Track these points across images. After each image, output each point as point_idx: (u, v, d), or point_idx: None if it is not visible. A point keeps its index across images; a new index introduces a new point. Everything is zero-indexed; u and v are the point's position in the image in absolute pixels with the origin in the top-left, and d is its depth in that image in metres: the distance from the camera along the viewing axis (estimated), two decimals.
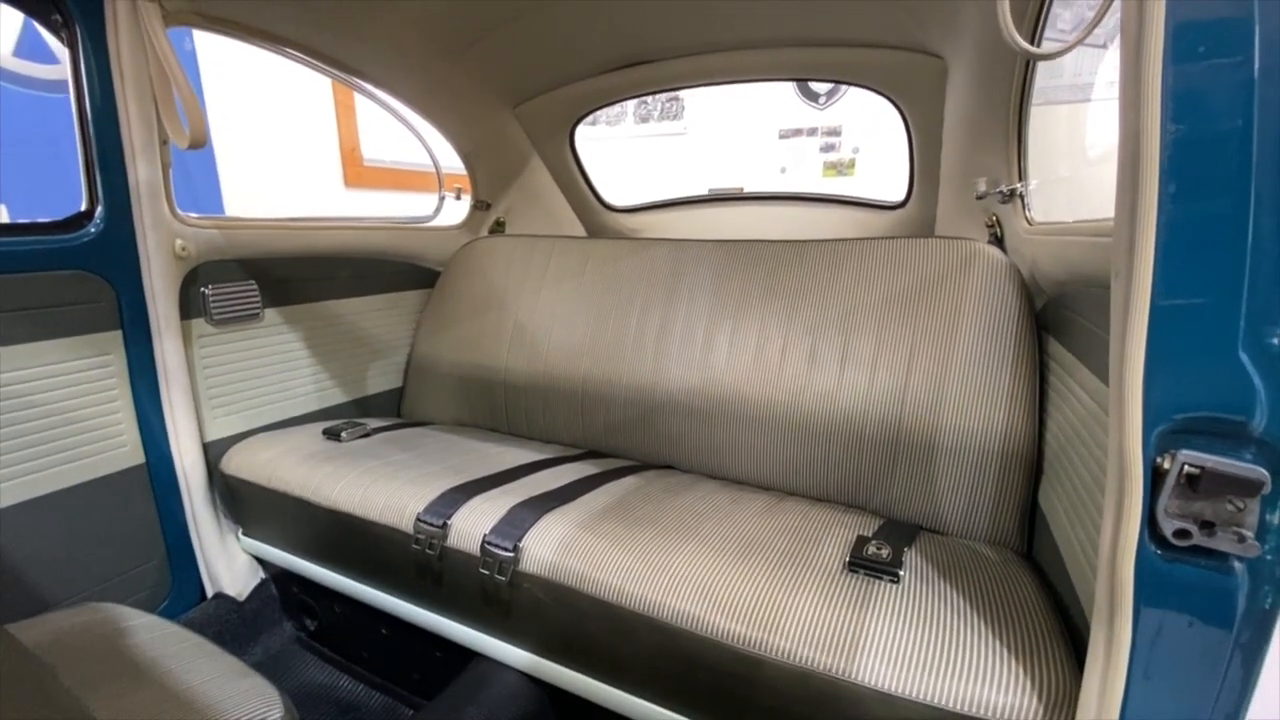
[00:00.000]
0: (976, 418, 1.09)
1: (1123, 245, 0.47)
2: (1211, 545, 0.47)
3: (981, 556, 0.96)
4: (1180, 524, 0.48)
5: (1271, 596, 0.48)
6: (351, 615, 1.27)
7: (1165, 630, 0.50)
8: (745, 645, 0.77)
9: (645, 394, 1.39)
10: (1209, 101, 0.42)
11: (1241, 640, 0.49)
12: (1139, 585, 0.50)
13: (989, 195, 1.25)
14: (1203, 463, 0.46)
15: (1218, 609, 0.49)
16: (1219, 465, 0.46)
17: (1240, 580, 0.48)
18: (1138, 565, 0.50)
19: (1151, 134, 0.44)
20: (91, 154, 1.10)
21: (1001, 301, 1.13)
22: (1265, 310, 0.44)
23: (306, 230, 1.49)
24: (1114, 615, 0.52)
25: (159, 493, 1.24)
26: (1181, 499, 0.48)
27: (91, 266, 1.11)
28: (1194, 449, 0.47)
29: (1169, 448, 0.48)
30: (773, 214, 2.00)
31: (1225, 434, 0.46)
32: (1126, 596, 0.51)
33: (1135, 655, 0.51)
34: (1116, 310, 0.49)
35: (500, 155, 1.92)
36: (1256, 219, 0.43)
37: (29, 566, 1.06)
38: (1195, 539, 0.47)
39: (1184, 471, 0.47)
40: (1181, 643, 0.50)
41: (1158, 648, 0.51)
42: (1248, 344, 0.44)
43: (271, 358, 1.46)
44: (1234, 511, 0.47)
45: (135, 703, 0.76)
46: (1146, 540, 0.49)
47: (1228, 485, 0.46)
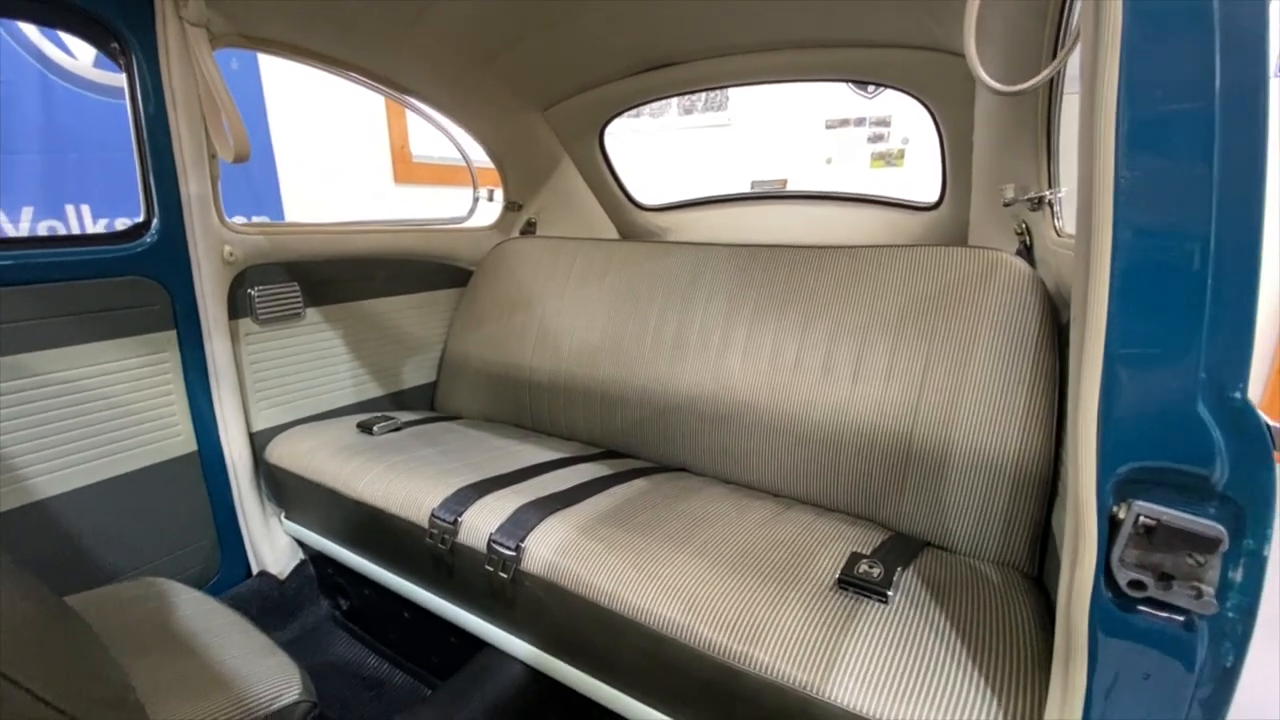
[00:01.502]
0: (990, 435, 1.06)
1: (1079, 292, 0.46)
2: (1168, 599, 0.46)
3: (983, 578, 0.94)
4: (1136, 575, 0.47)
5: (1233, 655, 0.46)
6: (378, 598, 1.36)
7: (1121, 679, 0.49)
8: (725, 656, 0.79)
9: (660, 396, 1.42)
10: (1166, 147, 0.41)
11: (1200, 696, 0.47)
12: (1093, 632, 0.49)
13: (1017, 202, 1.20)
14: (1158, 515, 0.45)
15: (1177, 662, 0.48)
16: (1176, 519, 0.45)
17: (1199, 635, 0.47)
18: (1092, 612, 0.49)
19: (1105, 179, 0.42)
20: (148, 169, 1.20)
21: (1022, 315, 1.09)
22: (1226, 364, 0.42)
23: (344, 234, 1.58)
24: (1070, 660, 0.52)
25: (209, 478, 1.36)
26: (1139, 549, 0.47)
27: (149, 272, 1.21)
28: (1151, 500, 0.46)
29: (1126, 496, 0.47)
30: (804, 213, 1.96)
31: (1185, 486, 0.45)
32: (1081, 642, 0.50)
33: (1091, 702, 0.51)
34: (1074, 356, 0.48)
35: (531, 157, 1.96)
36: (1217, 268, 0.41)
37: (93, 544, 1.18)
38: (1150, 591, 0.46)
39: (1140, 522, 0.46)
40: (1138, 693, 0.49)
41: (1114, 696, 0.50)
42: (1208, 398, 0.43)
43: (312, 354, 1.55)
44: (1193, 566, 0.45)
45: (171, 673, 0.85)
46: (1102, 588, 0.48)
47: (1185, 540, 0.45)
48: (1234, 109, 0.39)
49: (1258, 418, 0.42)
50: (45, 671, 0.65)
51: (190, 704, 0.80)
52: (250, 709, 0.82)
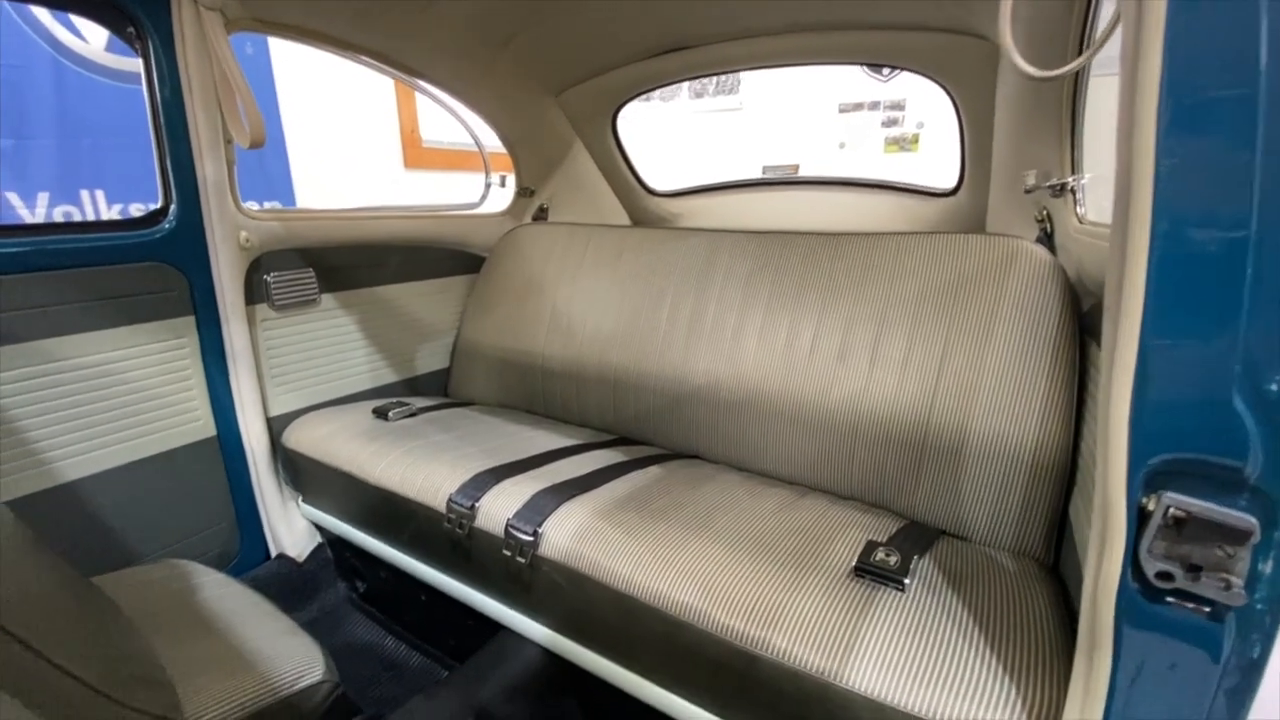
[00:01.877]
0: (1007, 423, 1.06)
1: (1114, 278, 0.46)
2: (1196, 590, 0.46)
3: (999, 567, 0.94)
4: (1164, 566, 0.47)
5: (1260, 646, 0.46)
6: (395, 581, 1.38)
7: (1146, 669, 0.50)
8: (742, 641, 0.80)
9: (674, 384, 1.42)
10: (1208, 134, 0.40)
11: (1226, 686, 0.48)
12: (1119, 623, 0.49)
13: (1039, 189, 1.19)
14: (1189, 507, 0.45)
15: (1202, 653, 0.48)
16: (1206, 511, 0.45)
17: (1227, 627, 0.47)
18: (1119, 603, 0.49)
19: (1145, 168, 0.42)
20: (165, 154, 1.20)
21: (1042, 304, 1.08)
22: (1263, 355, 0.42)
23: (358, 220, 1.58)
24: (1095, 650, 0.52)
25: (228, 462, 1.37)
26: (1168, 541, 0.47)
27: (167, 258, 1.22)
28: (1181, 492, 0.46)
29: (1156, 488, 0.46)
30: (819, 199, 1.94)
31: (1216, 479, 0.45)
32: (1107, 633, 0.50)
33: (1114, 691, 0.51)
34: (1107, 345, 0.48)
35: (543, 142, 1.95)
36: (1257, 260, 0.40)
37: (116, 526, 1.20)
38: (1179, 582, 0.46)
39: (1169, 514, 0.46)
40: (1163, 683, 0.49)
41: (1138, 686, 0.50)
42: (1243, 389, 0.42)
43: (328, 340, 1.56)
44: (1222, 558, 0.45)
45: (198, 651, 0.87)
46: (1129, 579, 0.48)
47: (1215, 531, 0.45)
48: (1279, 95, 0.38)
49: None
50: (78, 649, 0.66)
51: (218, 683, 0.81)
52: (275, 688, 0.84)
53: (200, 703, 0.78)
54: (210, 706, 0.78)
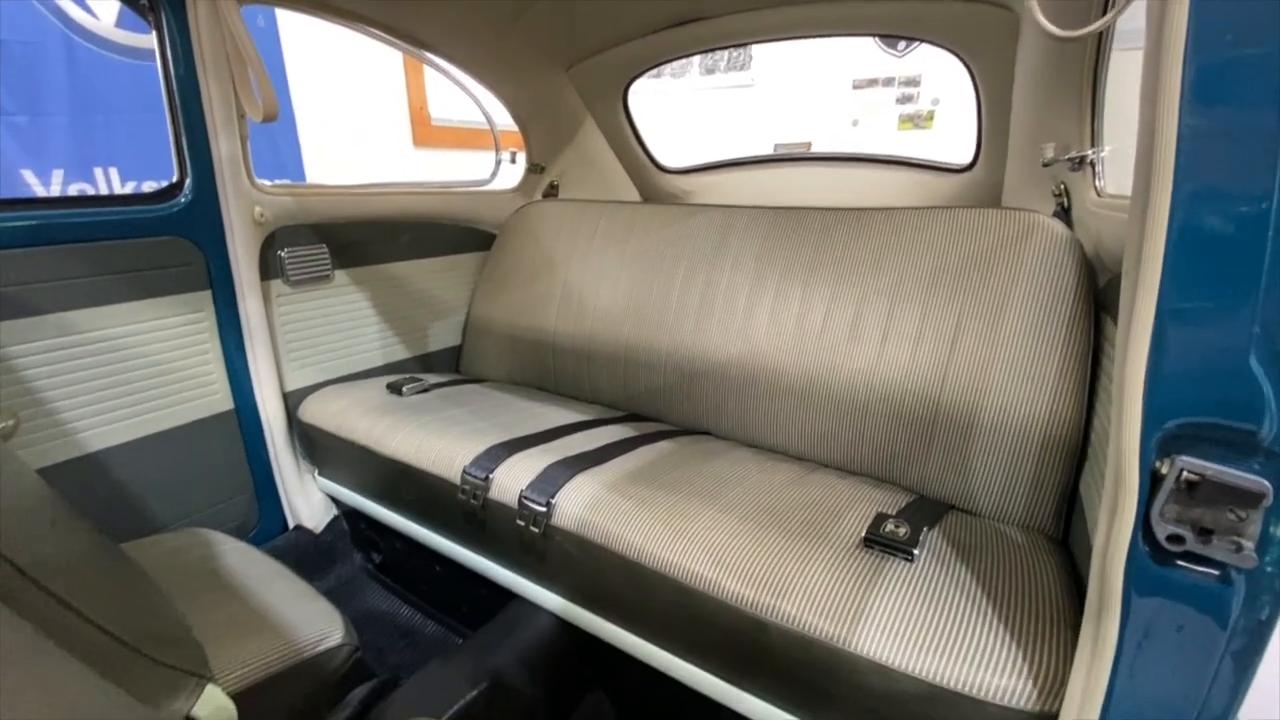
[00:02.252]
0: (1020, 399, 1.05)
1: (1133, 243, 0.46)
2: (1206, 553, 0.46)
3: (1008, 540, 0.95)
4: (1175, 529, 0.47)
5: (1269, 608, 0.47)
6: (410, 552, 1.41)
7: (1154, 632, 0.50)
8: (753, 609, 0.81)
9: (685, 361, 1.42)
10: (1233, 95, 0.39)
11: (1233, 648, 0.48)
12: (1128, 586, 0.50)
13: (1057, 162, 1.17)
14: (1203, 470, 0.45)
15: (1210, 616, 0.48)
16: (1220, 474, 0.45)
17: (1236, 589, 0.47)
18: (1128, 566, 0.50)
19: (1169, 128, 0.41)
20: (179, 128, 1.20)
21: (1058, 279, 1.07)
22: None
23: (370, 196, 1.58)
24: (1103, 613, 0.52)
25: (246, 435, 1.40)
26: (1179, 504, 0.47)
27: (183, 232, 1.23)
28: (1195, 455, 0.46)
29: (1169, 452, 0.47)
30: (831, 176, 1.92)
31: (1230, 442, 0.45)
32: (1115, 596, 0.51)
33: (1121, 654, 0.52)
34: (1124, 312, 0.48)
35: (553, 118, 1.94)
36: (1278, 221, 0.40)
37: (140, 495, 1.23)
38: (1189, 545, 0.47)
39: (1182, 478, 0.46)
40: (1170, 646, 0.50)
41: (1145, 649, 0.51)
42: (1261, 352, 0.42)
43: (342, 316, 1.58)
44: (1234, 521, 0.46)
45: (221, 614, 0.90)
46: (1139, 542, 0.49)
47: (1228, 495, 0.45)
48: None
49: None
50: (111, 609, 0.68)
51: (242, 644, 0.84)
52: (298, 649, 0.86)
53: (226, 662, 0.81)
54: (236, 666, 0.81)
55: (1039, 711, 0.64)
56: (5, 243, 1.02)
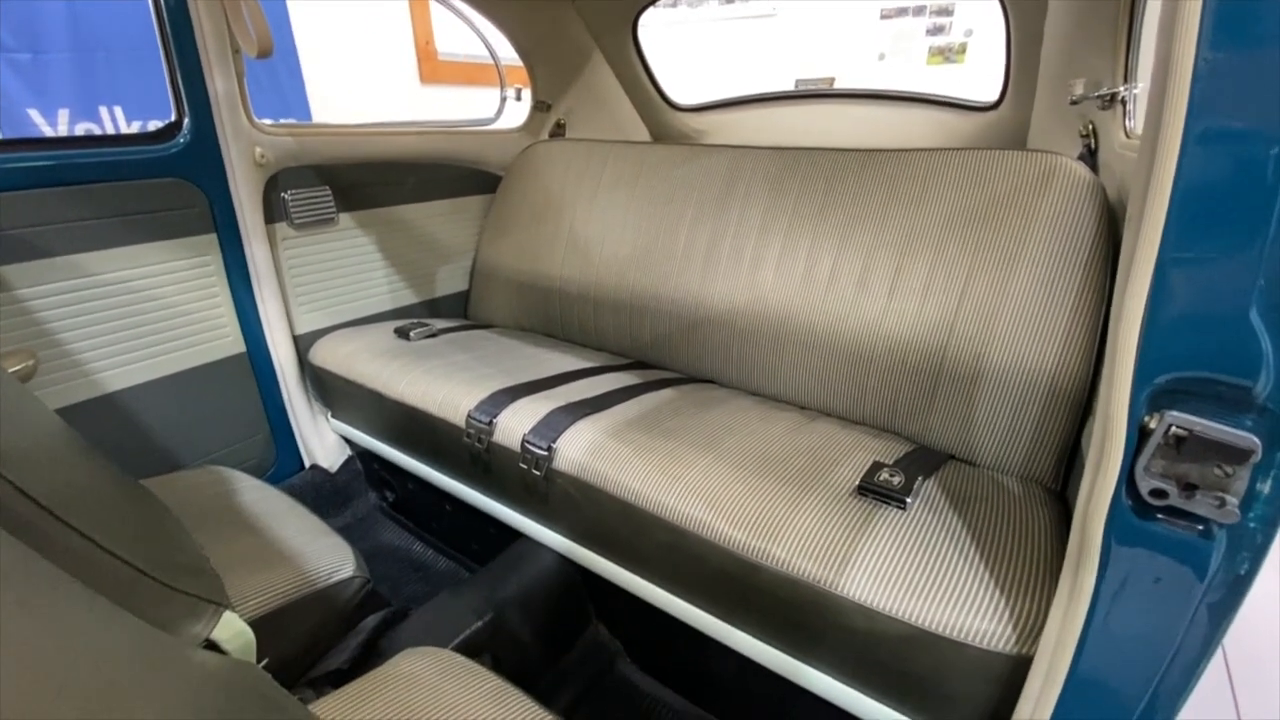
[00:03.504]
0: (1027, 352, 1.04)
1: (1139, 189, 0.43)
2: (1188, 508, 0.46)
3: (1004, 490, 0.95)
4: (1158, 484, 0.47)
5: (1248, 563, 0.47)
6: (421, 491, 1.46)
7: (1130, 583, 0.51)
8: (744, 551, 0.83)
9: (690, 309, 1.41)
10: (1256, 28, 0.36)
11: (1209, 600, 0.49)
12: (1108, 538, 0.50)
13: (1086, 100, 1.10)
14: (1191, 426, 0.44)
15: (1189, 568, 0.48)
16: (1208, 430, 0.44)
17: (1217, 544, 0.47)
18: (1109, 519, 0.50)
19: (1184, 62, 0.38)
20: (174, 66, 1.18)
21: (1076, 225, 1.03)
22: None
23: (372, 136, 1.55)
24: (1081, 563, 0.53)
25: (259, 377, 1.43)
26: (1165, 459, 0.47)
27: (184, 174, 1.23)
28: (1184, 410, 0.45)
29: (1159, 407, 0.46)
30: (850, 114, 1.84)
31: (1223, 397, 0.44)
32: (1094, 547, 0.51)
33: (1097, 603, 0.53)
34: (1125, 259, 0.46)
35: (560, 52, 1.86)
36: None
37: (158, 435, 1.28)
38: (1172, 500, 0.47)
39: (1170, 433, 0.45)
40: (1145, 597, 0.51)
41: (1120, 599, 0.52)
42: (1262, 305, 0.41)
43: (348, 260, 1.58)
44: (1220, 476, 0.45)
45: (238, 547, 0.94)
46: (1122, 496, 0.49)
47: (1215, 450, 0.44)
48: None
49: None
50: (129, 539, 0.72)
51: (258, 576, 0.89)
52: (312, 581, 0.91)
53: (242, 591, 0.86)
54: (251, 595, 0.85)
55: (1015, 654, 0.65)
56: (8, 185, 1.03)
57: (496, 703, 0.69)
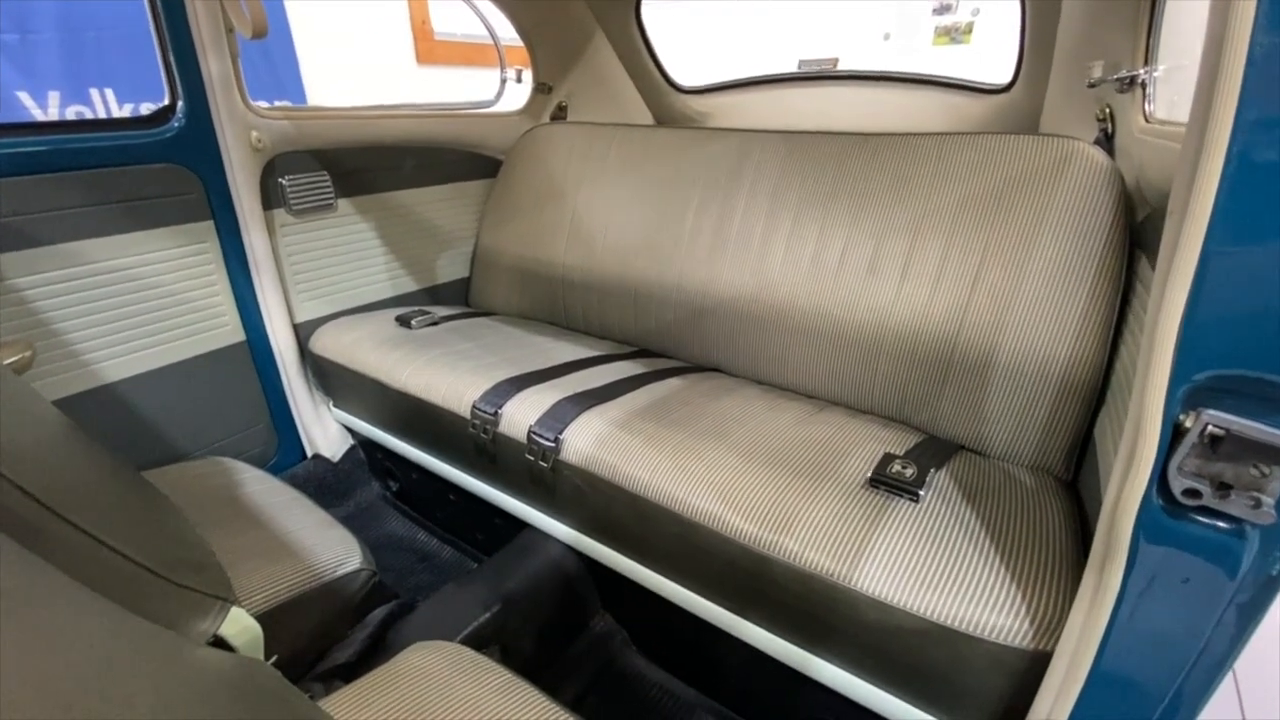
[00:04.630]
0: (1041, 341, 1.02)
1: (1184, 179, 0.41)
2: (1222, 508, 0.45)
3: (1016, 482, 0.95)
4: (1192, 484, 0.46)
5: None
6: (425, 481, 1.45)
7: (1158, 582, 0.50)
8: (756, 544, 0.82)
9: (697, 297, 1.39)
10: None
11: (1239, 600, 0.48)
12: (1136, 536, 0.49)
13: (1104, 82, 1.07)
14: (1228, 425, 0.43)
15: (1220, 568, 0.47)
16: (1247, 429, 0.43)
17: (1249, 543, 0.46)
18: (1139, 519, 0.49)
19: (1238, 46, 0.36)
20: (166, 46, 1.14)
21: (1092, 212, 1.01)
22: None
23: (371, 120, 1.52)
24: (1108, 561, 0.52)
25: (260, 367, 1.41)
26: (1200, 459, 0.45)
27: (180, 159, 1.20)
28: (1222, 409, 0.43)
29: (1195, 405, 0.44)
30: (857, 97, 1.80)
31: (1264, 396, 0.42)
32: (1123, 545, 0.50)
33: (1123, 601, 0.52)
34: (1165, 251, 0.44)
35: (562, 32, 1.82)
36: None
37: (159, 425, 1.26)
38: (1206, 499, 0.45)
39: (1207, 432, 0.44)
40: (1173, 595, 0.50)
41: (1147, 597, 0.51)
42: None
43: (347, 246, 1.55)
44: (1256, 477, 0.44)
45: (244, 540, 0.93)
46: (1153, 496, 0.48)
47: (1253, 450, 0.43)
48: None
49: None
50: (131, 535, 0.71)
51: (264, 569, 0.88)
52: (318, 574, 0.90)
53: (249, 586, 0.85)
54: (257, 589, 0.85)
55: (1034, 650, 0.65)
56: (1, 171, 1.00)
57: (507, 696, 0.69)
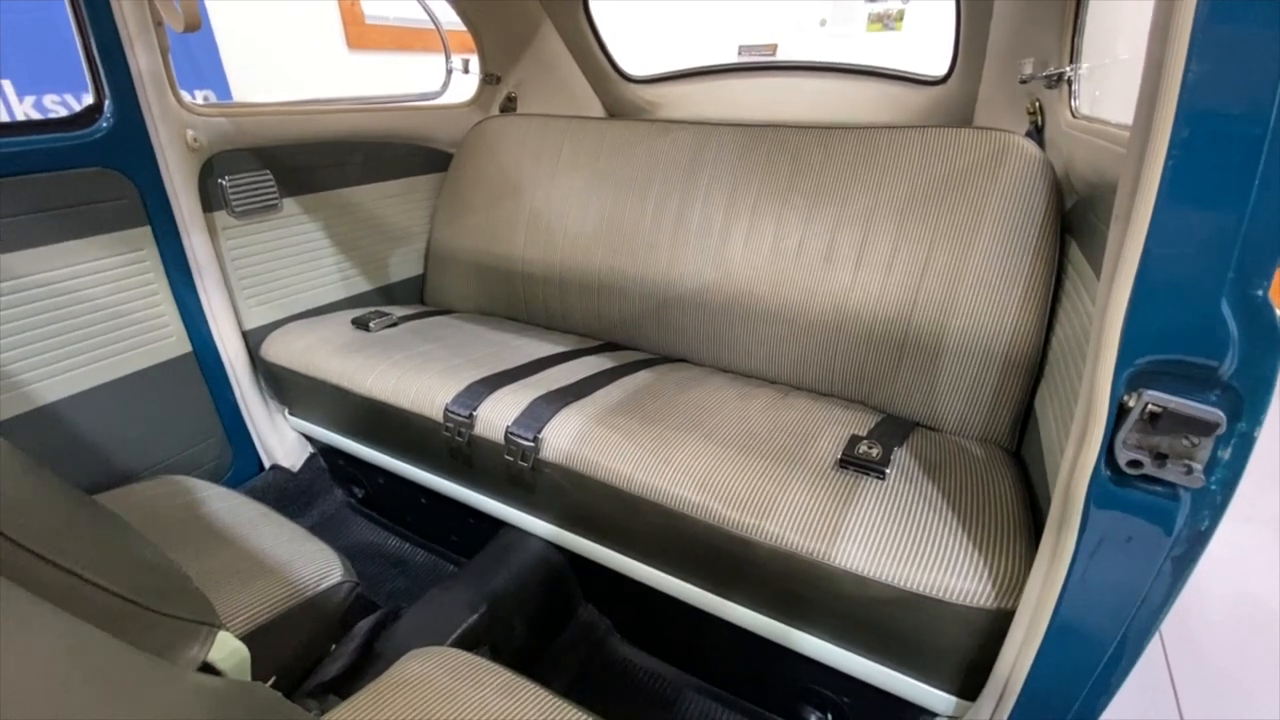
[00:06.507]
0: (986, 320, 1.10)
1: (1127, 189, 0.47)
2: (1159, 475, 0.51)
3: (969, 454, 1.02)
4: (1134, 455, 0.52)
5: (1208, 520, 0.53)
6: (393, 486, 1.42)
7: (1106, 542, 0.56)
8: (738, 529, 0.86)
9: (660, 288, 1.42)
10: (1241, 41, 0.39)
11: (1174, 554, 0.55)
12: (1088, 504, 0.55)
13: (1034, 79, 1.15)
14: (1165, 403, 0.49)
15: (1157, 528, 0.54)
16: (1181, 406, 0.49)
17: (1182, 505, 0.53)
18: (1090, 487, 0.55)
19: (1174, 70, 0.41)
20: (89, 40, 1.06)
21: (1028, 200, 1.09)
22: (1256, 264, 0.44)
23: (312, 114, 1.45)
24: (1063, 526, 0.58)
25: (209, 378, 1.35)
26: (1141, 433, 0.51)
27: (110, 162, 1.12)
28: (1160, 390, 0.49)
29: (1137, 387, 0.50)
30: (802, 86, 1.85)
31: (1193, 376, 0.49)
32: (1076, 512, 0.56)
33: (1076, 560, 0.58)
34: (1111, 251, 0.49)
35: (508, 21, 1.78)
36: (1264, 174, 0.41)
37: (105, 446, 1.19)
38: (1146, 468, 0.52)
39: (1146, 410, 0.50)
40: (1119, 553, 0.56)
41: (1097, 556, 0.57)
42: (1232, 296, 0.45)
43: (295, 248, 1.49)
44: (1188, 446, 0.50)
45: (216, 561, 0.90)
46: (1102, 467, 0.54)
47: (1185, 424, 0.49)
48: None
49: (1274, 314, 0.45)
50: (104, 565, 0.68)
51: (243, 590, 0.86)
52: (300, 590, 0.88)
53: (230, 607, 0.83)
54: (239, 611, 0.83)
55: (997, 609, 0.72)
56: None
57: (510, 696, 0.70)
